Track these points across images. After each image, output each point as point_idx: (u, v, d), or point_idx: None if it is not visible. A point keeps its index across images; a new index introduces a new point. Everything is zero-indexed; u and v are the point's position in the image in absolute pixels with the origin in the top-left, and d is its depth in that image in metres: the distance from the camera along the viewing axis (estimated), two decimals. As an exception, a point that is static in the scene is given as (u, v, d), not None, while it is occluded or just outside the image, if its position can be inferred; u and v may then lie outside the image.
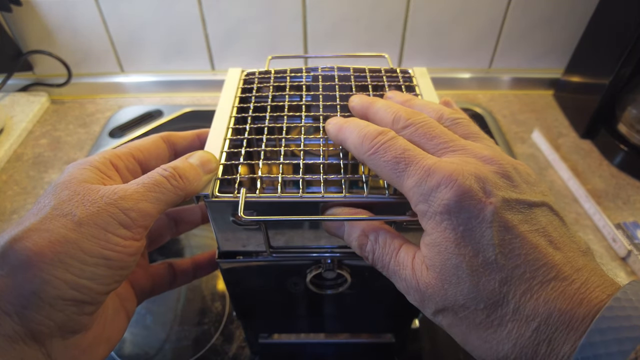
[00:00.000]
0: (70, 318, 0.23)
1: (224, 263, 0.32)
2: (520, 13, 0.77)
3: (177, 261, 0.35)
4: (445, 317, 0.23)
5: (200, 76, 0.85)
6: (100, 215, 0.23)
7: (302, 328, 0.44)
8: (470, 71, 0.85)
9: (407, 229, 0.30)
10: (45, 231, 0.22)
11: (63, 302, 0.22)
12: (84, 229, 0.22)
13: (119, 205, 0.24)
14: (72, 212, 0.23)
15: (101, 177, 0.26)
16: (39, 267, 0.21)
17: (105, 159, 0.27)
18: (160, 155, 0.30)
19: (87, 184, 0.25)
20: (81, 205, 0.23)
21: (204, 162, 0.28)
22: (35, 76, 0.85)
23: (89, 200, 0.23)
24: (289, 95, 0.35)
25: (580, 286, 0.20)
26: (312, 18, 0.77)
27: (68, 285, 0.22)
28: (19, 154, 0.73)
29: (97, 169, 0.26)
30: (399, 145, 0.24)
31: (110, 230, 0.23)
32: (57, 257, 0.22)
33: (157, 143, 0.30)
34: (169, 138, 0.31)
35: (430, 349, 0.48)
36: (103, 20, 0.77)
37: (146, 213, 0.24)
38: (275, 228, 0.30)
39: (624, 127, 0.67)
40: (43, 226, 0.22)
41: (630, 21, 0.62)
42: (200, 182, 0.27)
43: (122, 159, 0.28)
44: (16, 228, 0.22)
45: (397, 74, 0.38)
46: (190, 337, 0.49)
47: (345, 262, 0.33)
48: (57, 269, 0.22)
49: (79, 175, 0.25)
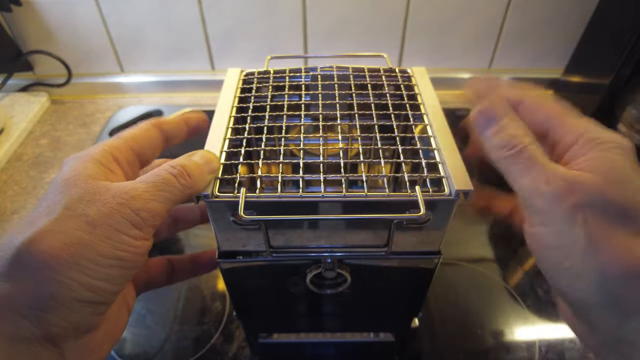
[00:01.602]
0: (85, 319, 0.23)
1: (224, 263, 0.32)
2: (520, 13, 0.77)
3: (175, 257, 0.35)
4: (589, 211, 0.22)
5: (200, 76, 0.85)
6: (113, 216, 0.23)
7: (302, 327, 0.44)
8: (470, 71, 0.85)
9: (407, 228, 0.30)
10: (60, 233, 0.22)
11: (79, 304, 0.22)
12: (98, 230, 0.22)
13: (131, 206, 0.24)
14: (85, 212, 0.23)
15: (105, 172, 0.26)
16: (56, 270, 0.21)
17: (106, 152, 0.26)
18: (153, 143, 0.30)
19: (94, 180, 0.24)
20: (93, 206, 0.23)
21: (207, 161, 0.28)
22: (35, 76, 0.85)
23: (101, 200, 0.23)
24: (288, 95, 0.35)
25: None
26: (312, 18, 0.77)
27: (84, 287, 0.22)
28: (19, 154, 0.73)
29: (100, 162, 0.26)
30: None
31: (123, 231, 0.23)
32: (72, 259, 0.22)
33: (150, 131, 0.30)
34: (160, 125, 0.31)
35: (430, 348, 0.49)
36: (103, 20, 0.77)
37: (156, 213, 0.24)
38: (275, 228, 0.30)
39: (623, 127, 0.67)
40: (57, 227, 0.22)
41: (629, 21, 0.62)
42: (203, 182, 0.27)
43: (122, 152, 0.27)
44: (28, 229, 0.22)
45: (396, 74, 0.38)
46: (190, 336, 0.49)
47: (345, 262, 0.33)
48: (73, 272, 0.22)
49: (84, 171, 0.25)
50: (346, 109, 0.34)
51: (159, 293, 0.53)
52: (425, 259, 0.33)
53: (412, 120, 0.33)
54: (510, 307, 0.53)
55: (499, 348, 0.49)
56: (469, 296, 0.54)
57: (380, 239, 0.31)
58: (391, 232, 0.30)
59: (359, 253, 0.32)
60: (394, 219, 0.29)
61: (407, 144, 0.36)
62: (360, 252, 0.32)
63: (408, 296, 0.38)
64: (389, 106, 0.34)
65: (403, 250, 0.32)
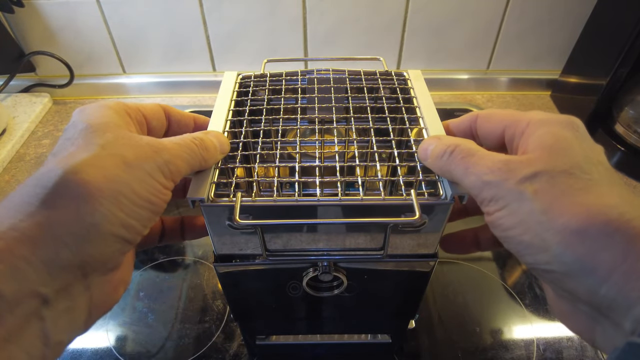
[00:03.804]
0: (114, 255, 0.24)
1: (220, 266, 0.33)
2: (518, 14, 0.77)
3: (166, 218, 0.35)
4: (536, 182, 0.23)
5: (202, 77, 0.85)
6: (147, 161, 0.24)
7: (299, 330, 0.45)
8: (468, 72, 0.85)
9: (403, 231, 0.30)
10: (101, 167, 0.22)
11: (113, 238, 0.23)
12: (134, 171, 0.23)
13: (162, 156, 0.25)
14: (122, 153, 0.24)
15: (126, 123, 0.27)
16: (99, 201, 0.22)
17: (120, 106, 0.27)
18: (160, 119, 0.31)
19: (124, 129, 0.25)
20: (130, 149, 0.24)
21: (221, 142, 0.29)
22: (37, 77, 0.86)
23: (136, 146, 0.24)
24: (285, 98, 0.35)
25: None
26: (312, 20, 0.77)
27: (120, 221, 0.23)
28: (21, 154, 0.73)
29: (118, 114, 0.27)
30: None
31: (155, 177, 0.24)
32: (113, 194, 0.22)
33: (157, 108, 0.31)
34: (166, 109, 0.32)
35: (429, 346, 0.49)
36: (105, 21, 0.78)
37: (180, 168, 0.26)
38: (272, 232, 0.30)
39: (621, 128, 0.67)
40: (98, 162, 0.23)
41: (627, 22, 0.62)
42: (214, 159, 0.29)
43: (132, 110, 0.28)
44: (68, 160, 0.22)
45: (392, 77, 0.38)
46: (191, 335, 0.50)
47: (342, 265, 0.33)
48: (113, 205, 0.22)
49: (110, 120, 0.26)
50: (343, 112, 0.34)
51: (160, 292, 0.54)
52: (421, 261, 0.33)
53: (408, 124, 0.34)
54: (509, 305, 0.53)
55: (497, 346, 0.49)
56: (467, 294, 0.54)
57: (376, 242, 0.31)
58: (387, 236, 0.30)
59: (355, 256, 0.32)
60: (389, 223, 0.29)
61: (403, 147, 0.37)
62: (356, 255, 0.32)
63: (404, 299, 0.38)
64: (385, 109, 0.34)
65: (399, 254, 0.32)
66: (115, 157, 0.23)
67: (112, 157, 0.23)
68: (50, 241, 0.21)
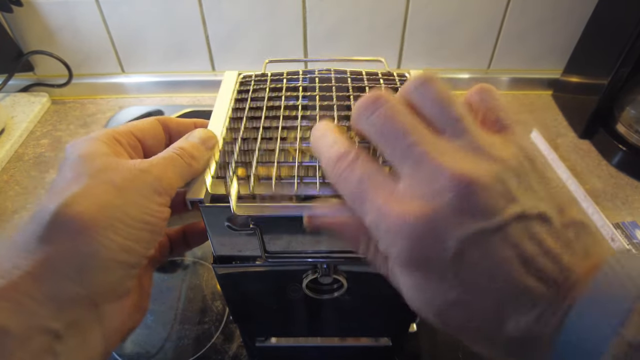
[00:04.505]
0: (121, 280, 0.24)
1: (219, 268, 0.32)
2: (519, 14, 0.76)
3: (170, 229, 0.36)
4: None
5: (201, 77, 0.85)
6: (137, 182, 0.24)
7: (299, 332, 0.44)
8: (469, 72, 0.85)
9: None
10: (92, 196, 0.23)
11: (115, 264, 0.23)
12: (125, 195, 0.24)
13: (151, 173, 0.25)
14: (112, 179, 0.24)
15: (114, 151, 0.27)
16: (95, 230, 0.22)
17: (109, 135, 0.28)
18: (157, 136, 0.31)
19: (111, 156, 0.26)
20: (118, 173, 0.24)
21: (204, 139, 0.29)
22: (36, 77, 0.86)
23: (124, 169, 0.25)
24: (285, 97, 0.35)
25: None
26: (312, 20, 0.77)
27: (119, 247, 0.23)
28: (20, 154, 0.73)
29: (106, 144, 0.27)
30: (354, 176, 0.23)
31: (148, 196, 0.25)
32: (107, 221, 0.23)
33: (154, 124, 0.31)
34: (164, 122, 0.32)
35: (429, 347, 0.49)
36: (104, 20, 0.77)
37: (172, 182, 0.26)
38: (271, 232, 0.30)
39: (622, 127, 0.67)
40: (88, 192, 0.23)
41: (628, 21, 0.62)
42: (203, 159, 0.29)
43: (123, 135, 0.29)
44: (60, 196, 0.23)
45: (394, 77, 0.38)
46: (190, 336, 0.50)
47: (342, 268, 0.33)
48: (109, 232, 0.23)
49: (98, 149, 0.26)
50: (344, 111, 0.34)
51: (159, 292, 0.54)
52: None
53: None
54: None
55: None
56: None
57: (377, 243, 0.31)
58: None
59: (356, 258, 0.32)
60: None
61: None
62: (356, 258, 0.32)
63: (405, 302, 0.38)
64: None
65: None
66: (105, 184, 0.24)
67: (102, 184, 0.24)
68: (52, 276, 0.21)
